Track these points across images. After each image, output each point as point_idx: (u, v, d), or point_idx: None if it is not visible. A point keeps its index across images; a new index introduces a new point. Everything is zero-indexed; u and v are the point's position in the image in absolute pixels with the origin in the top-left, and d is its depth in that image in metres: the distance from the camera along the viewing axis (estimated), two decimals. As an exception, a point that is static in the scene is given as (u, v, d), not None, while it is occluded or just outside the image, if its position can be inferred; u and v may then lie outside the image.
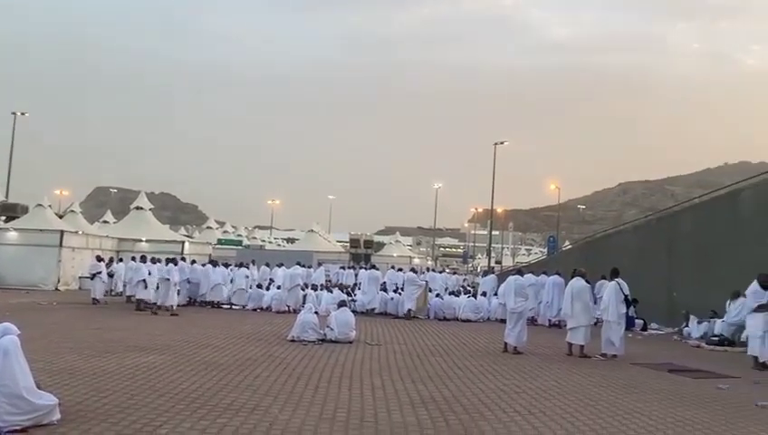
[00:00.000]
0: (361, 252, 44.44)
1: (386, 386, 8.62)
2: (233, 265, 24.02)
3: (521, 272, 15.27)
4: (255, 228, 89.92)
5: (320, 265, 32.94)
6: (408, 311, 19.79)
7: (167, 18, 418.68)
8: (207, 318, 17.33)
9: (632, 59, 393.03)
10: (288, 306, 19.92)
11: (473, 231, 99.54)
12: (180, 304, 19.27)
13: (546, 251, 54.09)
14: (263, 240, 68.40)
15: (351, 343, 13.01)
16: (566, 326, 13.43)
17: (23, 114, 46.91)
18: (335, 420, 6.59)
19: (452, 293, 22.64)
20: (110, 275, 22.43)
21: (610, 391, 8.90)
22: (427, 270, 33.78)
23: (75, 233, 28.17)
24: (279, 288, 21.10)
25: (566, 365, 11.38)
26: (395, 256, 47.80)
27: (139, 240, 30.93)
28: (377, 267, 24.33)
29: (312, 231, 52.99)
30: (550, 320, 19.03)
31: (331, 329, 13.18)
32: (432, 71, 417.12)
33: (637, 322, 18.19)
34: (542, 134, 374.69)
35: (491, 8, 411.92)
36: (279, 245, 68.20)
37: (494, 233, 61.85)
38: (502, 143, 48.79)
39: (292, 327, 13.36)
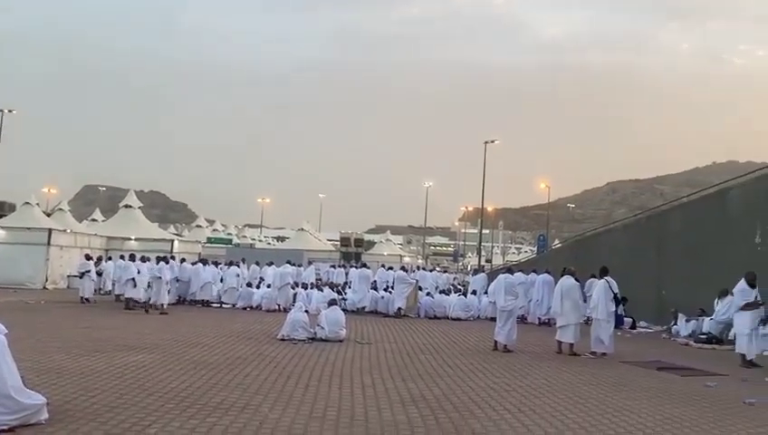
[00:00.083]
0: (352, 250, 44.47)
1: (376, 384, 8.61)
2: (222, 264, 23.97)
3: (511, 270, 15.31)
4: (245, 227, 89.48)
5: (310, 263, 32.89)
6: (399, 309, 19.81)
7: (157, 16, 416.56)
8: (197, 317, 17.27)
9: (622, 58, 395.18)
10: (278, 305, 19.88)
11: (463, 230, 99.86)
12: (170, 302, 19.18)
13: (536, 250, 54.26)
14: (253, 239, 68.18)
15: (342, 341, 12.99)
16: (556, 324, 13.49)
17: (10, 111, 46.49)
18: (325, 419, 6.58)
19: (442, 291, 22.69)
20: (98, 273, 22.31)
21: (600, 389, 8.94)
22: (418, 269, 33.85)
23: (63, 231, 27.99)
24: (269, 287, 21.06)
25: (556, 363, 11.43)
26: (385, 254, 47.81)
27: (128, 239, 30.77)
28: (367, 266, 24.33)
29: (303, 230, 52.89)
30: (539, 318, 19.09)
31: (322, 328, 13.17)
32: (423, 70, 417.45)
33: (626, 320, 18.28)
34: (532, 133, 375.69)
35: (482, 7, 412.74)
36: (269, 243, 68.07)
37: (484, 232, 62.02)
38: (492, 142, 48.92)
39: (283, 326, 13.34)
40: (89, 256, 22.23)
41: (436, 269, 42.12)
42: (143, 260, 19.48)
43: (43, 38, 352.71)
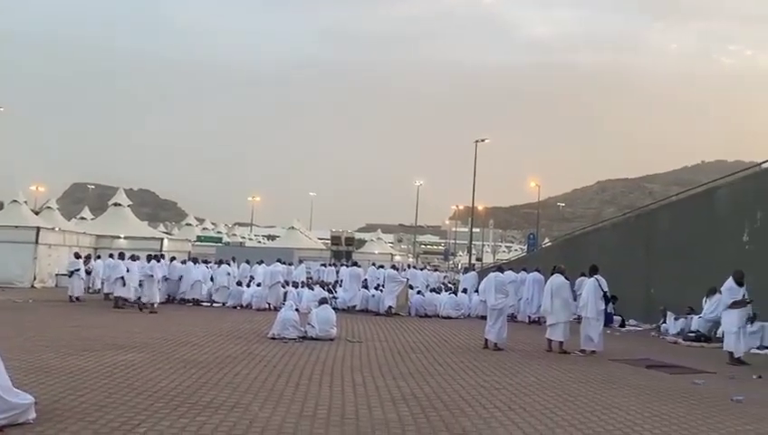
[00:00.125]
0: (342, 249, 44.42)
1: (367, 383, 8.61)
2: (212, 263, 23.89)
3: (501, 269, 15.36)
4: (235, 225, 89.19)
5: (301, 262, 32.83)
6: (389, 308, 19.81)
7: (148, 14, 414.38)
8: (187, 316, 17.20)
9: (612, 58, 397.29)
10: (268, 304, 19.82)
11: (454, 228, 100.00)
12: (159, 301, 19.08)
13: (526, 248, 54.44)
14: (243, 237, 67.99)
15: (332, 340, 12.98)
16: (546, 323, 13.54)
17: (-2, 109, 46.09)
18: (316, 418, 6.57)
19: (433, 290, 22.71)
20: (87, 272, 22.16)
21: (589, 387, 8.98)
22: (408, 267, 33.88)
23: (52, 229, 27.78)
24: (259, 285, 21.00)
25: (546, 361, 11.47)
26: (376, 253, 47.82)
27: (118, 237, 30.58)
28: (358, 264, 24.31)
29: (293, 228, 52.78)
30: (530, 316, 19.14)
31: (312, 326, 13.14)
32: (413, 68, 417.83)
33: (615, 318, 18.38)
34: (522, 132, 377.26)
35: (474, 7, 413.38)
36: (259, 242, 67.89)
37: (474, 230, 62.11)
38: (483, 141, 49.01)
39: (273, 325, 13.30)
40: (78, 255, 22.06)
41: (427, 268, 42.11)
42: (133, 259, 19.37)
43: (32, 37, 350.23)
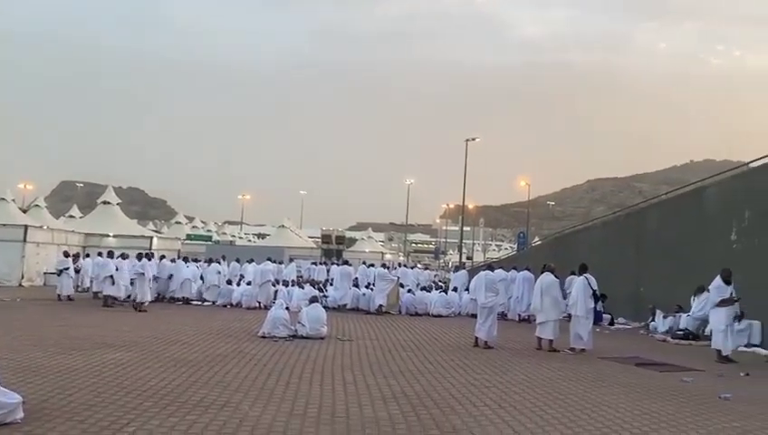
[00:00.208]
0: (333, 248, 44.35)
1: (357, 381, 8.61)
2: (202, 261, 23.81)
3: (491, 267, 15.43)
4: (225, 224, 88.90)
5: (291, 260, 32.78)
6: (380, 307, 19.81)
7: (143, 13, 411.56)
8: (176, 314, 17.12)
9: (602, 58, 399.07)
10: (259, 302, 19.78)
11: (444, 227, 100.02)
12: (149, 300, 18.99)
13: (516, 247, 54.56)
14: (233, 235, 67.80)
15: (323, 338, 12.96)
16: (535, 321, 13.58)
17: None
18: (306, 416, 6.56)
19: (423, 288, 22.74)
20: (76, 270, 22.00)
21: (579, 385, 9.02)
22: (399, 266, 33.89)
23: (40, 228, 27.59)
24: (249, 284, 20.94)
25: (535, 359, 11.51)
26: (367, 251, 47.82)
27: (107, 235, 30.43)
28: (349, 263, 24.29)
29: (284, 226, 52.67)
30: (520, 315, 19.19)
31: (303, 325, 13.12)
32: (405, 67, 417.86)
33: (604, 316, 18.47)
34: (512, 131, 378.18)
35: (466, 6, 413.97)
36: (249, 240, 67.74)
37: (465, 229, 62.19)
38: (473, 140, 49.04)
39: (263, 323, 13.27)
40: (67, 254, 21.88)
41: (418, 266, 42.13)
42: (123, 257, 19.26)
43: (23, 34, 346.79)
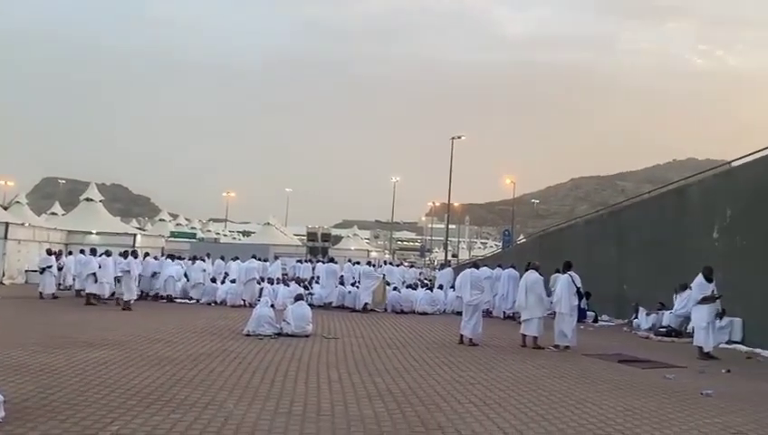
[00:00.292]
0: (319, 245, 44.22)
1: (342, 379, 8.61)
2: (186, 259, 23.67)
3: (477, 265, 15.44)
4: (210, 221, 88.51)
5: (276, 258, 32.67)
6: (365, 304, 19.80)
7: (122, 7, 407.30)
8: (160, 312, 17.00)
9: (585, 57, 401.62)
10: (243, 300, 19.69)
11: (430, 225, 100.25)
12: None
13: (501, 244, 54.81)
14: (217, 233, 67.52)
15: (308, 336, 12.94)
16: (520, 318, 13.65)
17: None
18: (291, 414, 6.54)
19: (409, 286, 22.77)
20: (59, 268, 21.76)
21: (563, 382, 9.08)
22: (385, 263, 33.89)
23: (21, 225, 27.29)
24: (234, 282, 20.83)
25: (520, 356, 11.57)
26: (352, 249, 47.83)
27: (89, 233, 30.18)
28: (335, 261, 24.26)
29: (269, 224, 52.55)
30: (504, 312, 19.26)
31: (288, 323, 13.08)
32: (390, 64, 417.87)
33: (588, 314, 18.60)
34: (497, 130, 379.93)
35: (451, 4, 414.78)
36: (234, 238, 67.44)
37: (450, 227, 62.36)
38: (459, 138, 49.14)
39: (248, 321, 13.22)
40: (50, 251, 21.61)
41: (404, 264, 42.22)
42: (107, 255, 19.08)
43: (6, 30, 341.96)
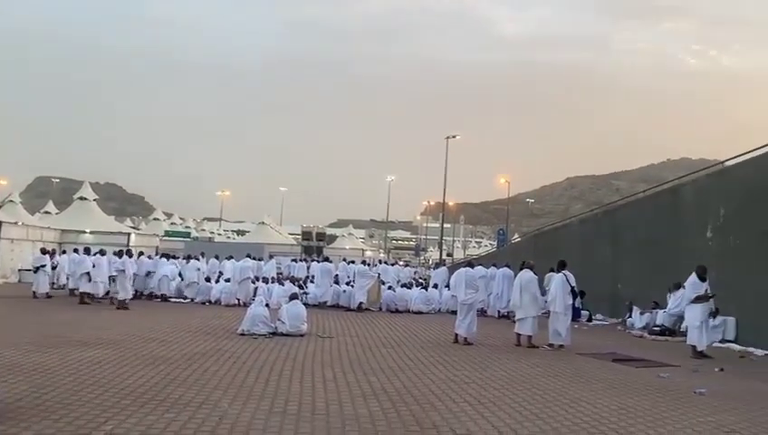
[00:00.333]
0: (314, 244, 44.23)
1: (337, 378, 8.60)
2: (181, 258, 23.63)
3: (471, 264, 15.48)
4: (204, 220, 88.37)
5: (271, 257, 32.61)
6: (360, 304, 19.80)
7: (119, 6, 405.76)
8: (154, 312, 16.96)
9: (581, 57, 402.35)
10: (238, 299, 19.67)
11: (425, 224, 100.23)
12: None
13: (496, 244, 54.90)
14: (212, 232, 67.40)
15: (303, 336, 12.93)
16: (515, 317, 13.67)
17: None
18: (286, 414, 6.54)
19: (404, 285, 22.77)
20: (52, 267, 21.68)
21: (557, 381, 9.10)
22: (380, 262, 33.89)
23: (14, 224, 27.18)
24: (228, 281, 20.80)
25: (515, 355, 11.59)
26: (347, 248, 47.85)
27: (83, 232, 30.08)
28: (330, 260, 24.24)
29: (263, 223, 52.47)
30: (499, 311, 19.30)
31: (282, 322, 13.07)
32: (386, 63, 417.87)
33: (582, 313, 18.64)
34: (492, 129, 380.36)
35: (449, 3, 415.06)
36: (229, 237, 67.33)
37: (445, 226, 62.39)
38: (454, 137, 49.19)
39: (242, 321, 13.20)
40: (45, 250, 21.49)
41: (398, 263, 42.25)
42: (101, 254, 19.03)
43: (2, 30, 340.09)
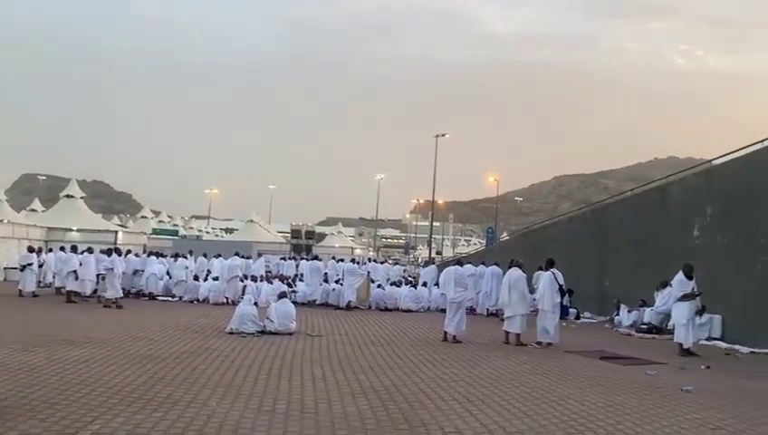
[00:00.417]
0: (303, 243, 44.13)
1: (326, 377, 8.59)
2: (169, 256, 23.50)
3: (460, 262, 15.48)
4: (192, 218, 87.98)
5: (260, 255, 32.54)
6: (349, 302, 19.77)
7: (114, 4, 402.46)
8: (142, 310, 16.85)
9: (569, 55, 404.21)
10: (226, 298, 19.58)
11: (414, 222, 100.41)
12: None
13: (485, 242, 55.08)
14: (200, 230, 67.05)
15: (292, 334, 12.90)
16: (503, 315, 13.71)
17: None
18: (275, 412, 6.52)
19: (393, 283, 22.79)
20: (39, 265, 21.47)
21: (545, 378, 9.14)
22: (369, 261, 33.90)
23: (0, 222, 26.90)
24: (216, 279, 20.69)
25: (503, 353, 11.63)
26: (337, 246, 47.82)
27: (70, 230, 29.84)
28: (319, 258, 24.21)
29: (252, 221, 52.30)
30: (488, 309, 19.36)
31: (271, 320, 13.03)
32: (375, 61, 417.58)
33: (570, 311, 18.73)
34: (482, 127, 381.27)
35: (437, 2, 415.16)
36: (217, 235, 67.07)
37: (435, 224, 62.52)
38: (443, 136, 49.24)
39: (231, 319, 13.15)
40: (31, 248, 21.23)
41: (388, 261, 42.31)
42: (89, 251, 18.88)
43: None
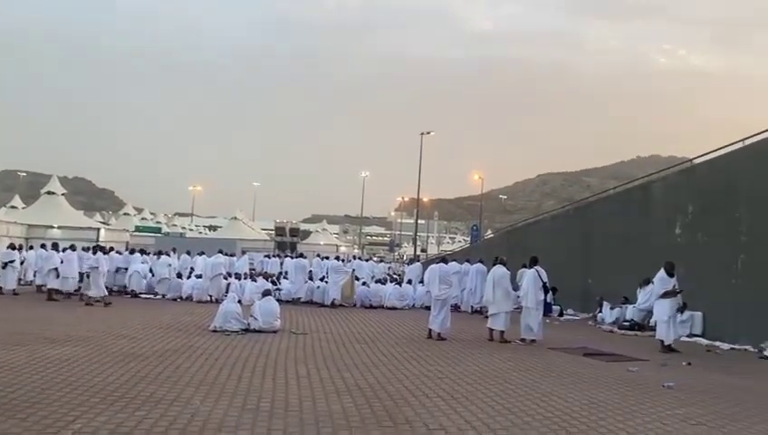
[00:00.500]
0: (287, 240, 44.02)
1: (311, 375, 8.58)
2: (151, 254, 23.32)
3: (445, 260, 15.52)
4: (175, 215, 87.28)
5: (243, 253, 32.36)
6: (333, 300, 19.74)
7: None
8: (125, 308, 16.71)
9: (553, 54, 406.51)
10: (210, 296, 19.47)
11: (399, 220, 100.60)
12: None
13: (470, 239, 55.21)
14: (183, 227, 66.65)
15: (276, 332, 12.86)
16: (487, 313, 13.77)
17: None
18: (259, 410, 6.50)
19: (378, 281, 22.79)
20: (20, 262, 21.19)
21: (529, 375, 9.20)
22: (354, 258, 33.87)
23: (-21, 219, 26.54)
24: (200, 277, 20.56)
25: (487, 350, 11.69)
26: (321, 244, 47.67)
27: (51, 227, 29.52)
28: (304, 256, 24.13)
29: (236, 218, 52.01)
30: (472, 307, 19.44)
31: (255, 318, 12.98)
32: (360, 59, 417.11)
33: (554, 308, 18.85)
34: (466, 125, 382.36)
35: (418, 0, 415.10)
36: (200, 232, 66.69)
37: (420, 222, 62.63)
38: (428, 133, 49.34)
39: (215, 317, 13.08)
40: (13, 246, 20.91)
41: (373, 259, 42.28)
42: (72, 249, 18.66)
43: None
